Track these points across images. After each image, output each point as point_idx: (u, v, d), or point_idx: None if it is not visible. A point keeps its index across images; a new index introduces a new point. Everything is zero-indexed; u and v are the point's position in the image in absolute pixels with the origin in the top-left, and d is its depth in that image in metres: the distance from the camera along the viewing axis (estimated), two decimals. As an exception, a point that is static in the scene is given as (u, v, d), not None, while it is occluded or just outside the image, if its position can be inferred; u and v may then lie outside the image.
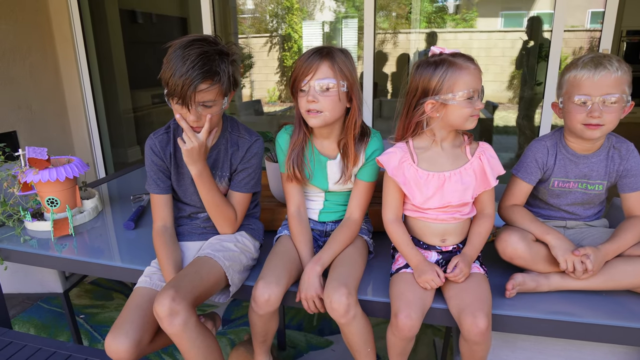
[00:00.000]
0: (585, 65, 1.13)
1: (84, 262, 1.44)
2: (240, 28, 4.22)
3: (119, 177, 2.34)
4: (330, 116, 1.21)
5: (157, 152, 1.32)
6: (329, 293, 1.11)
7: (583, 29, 3.36)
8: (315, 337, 2.01)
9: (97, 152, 3.65)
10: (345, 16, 3.88)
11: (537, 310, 1.12)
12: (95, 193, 1.85)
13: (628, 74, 1.13)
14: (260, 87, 4.37)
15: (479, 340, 1.04)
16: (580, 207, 1.29)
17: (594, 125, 1.14)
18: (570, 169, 1.25)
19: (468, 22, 3.66)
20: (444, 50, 1.13)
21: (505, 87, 3.55)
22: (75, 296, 2.39)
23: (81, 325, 2.13)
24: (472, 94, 1.08)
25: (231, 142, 1.35)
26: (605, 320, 1.09)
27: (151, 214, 1.77)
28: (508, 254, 1.17)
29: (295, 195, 1.35)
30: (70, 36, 3.34)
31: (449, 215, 1.17)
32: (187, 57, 1.12)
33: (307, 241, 1.32)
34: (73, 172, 1.60)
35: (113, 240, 1.58)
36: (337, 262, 1.24)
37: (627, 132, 1.36)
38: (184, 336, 1.09)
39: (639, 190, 1.22)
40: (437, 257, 1.21)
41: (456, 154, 1.17)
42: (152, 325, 1.16)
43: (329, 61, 1.17)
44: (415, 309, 1.07)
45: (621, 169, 1.23)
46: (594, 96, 1.12)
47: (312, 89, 1.18)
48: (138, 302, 1.18)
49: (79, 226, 1.67)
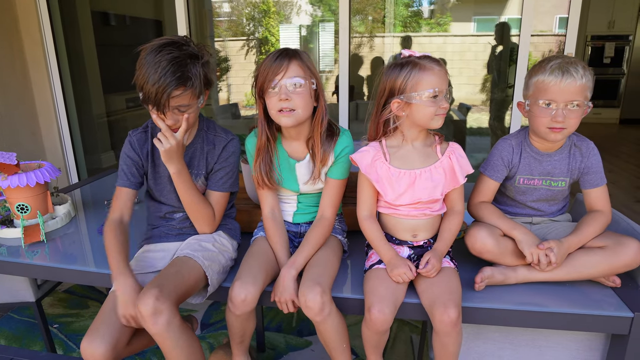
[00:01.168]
0: (553, 71, 1.17)
1: (56, 268, 1.41)
2: (217, 31, 4.21)
3: (92, 182, 2.30)
4: (302, 114, 1.23)
5: (135, 148, 1.34)
6: (304, 292, 1.13)
7: (551, 33, 3.49)
8: (295, 338, 2.02)
9: (70, 158, 3.57)
10: (322, 20, 3.91)
11: (505, 302, 1.17)
12: (68, 198, 1.82)
13: (591, 81, 1.18)
14: (237, 91, 4.36)
15: (449, 330, 1.07)
16: (545, 203, 1.35)
17: (558, 128, 1.19)
18: (535, 167, 1.31)
19: (442, 26, 3.74)
20: (414, 53, 1.17)
21: (478, 89, 3.65)
22: (49, 305, 2.34)
23: (55, 335, 2.08)
24: (437, 93, 1.12)
25: (207, 140, 1.36)
26: (569, 309, 1.14)
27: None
28: (477, 249, 1.21)
29: (268, 197, 1.37)
30: (40, 38, 3.26)
31: (419, 212, 1.20)
32: (158, 64, 1.14)
33: (283, 242, 1.33)
34: (44, 177, 1.57)
35: (87, 245, 1.55)
36: (311, 262, 1.26)
37: (592, 132, 1.43)
38: (167, 336, 1.09)
39: (599, 187, 1.29)
40: (409, 252, 1.24)
41: (427, 152, 1.21)
42: (128, 328, 1.16)
43: (298, 60, 1.21)
44: (388, 303, 1.10)
45: (582, 166, 1.29)
46: (559, 102, 1.17)
47: (283, 87, 1.20)
48: (114, 305, 1.17)
49: (51, 232, 1.64)
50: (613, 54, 6.89)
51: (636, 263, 1.15)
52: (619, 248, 1.15)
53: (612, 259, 1.15)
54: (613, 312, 1.12)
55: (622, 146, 5.71)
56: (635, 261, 1.15)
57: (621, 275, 1.23)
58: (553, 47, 3.49)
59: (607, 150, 5.41)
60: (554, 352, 1.27)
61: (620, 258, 1.15)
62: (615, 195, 3.91)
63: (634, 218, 1.47)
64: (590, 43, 6.89)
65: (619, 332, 1.13)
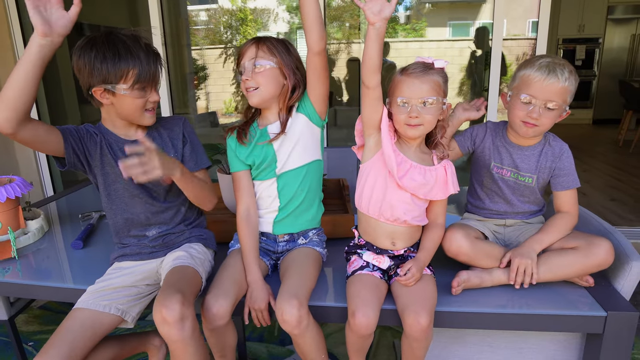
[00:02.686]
0: (540, 68, 1.20)
1: (29, 285, 1.37)
2: (194, 40, 4.18)
3: (67, 195, 2.25)
4: (265, 91, 1.30)
5: (83, 138, 1.25)
6: (281, 305, 1.12)
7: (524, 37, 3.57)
8: (277, 348, 2.00)
9: (44, 170, 3.49)
10: (299, 27, 3.93)
11: (482, 305, 1.18)
12: (41, 213, 1.77)
13: (574, 86, 1.22)
14: (216, 99, 4.33)
15: (419, 337, 1.08)
16: (516, 198, 1.36)
17: (531, 124, 1.23)
18: (505, 157, 1.35)
19: (418, 31, 3.80)
20: (427, 60, 1.16)
21: (455, 93, 3.71)
22: (23, 322, 2.27)
23: (30, 353, 2.02)
24: (404, 102, 1.14)
25: (163, 127, 1.37)
26: (545, 310, 1.16)
27: (101, 232, 1.73)
28: (453, 251, 1.23)
29: (245, 194, 1.36)
30: (10, 45, 3.19)
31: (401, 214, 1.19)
32: (126, 46, 1.19)
33: (252, 246, 1.31)
34: (15, 192, 1.53)
35: (61, 261, 1.51)
36: (288, 273, 1.25)
37: (566, 133, 1.47)
38: (191, 343, 1.08)
39: (569, 189, 1.32)
40: (390, 263, 1.24)
41: (423, 157, 1.22)
42: (83, 346, 1.12)
43: (261, 42, 1.30)
44: (372, 307, 1.10)
45: (554, 166, 1.31)
46: (538, 99, 1.21)
47: (247, 69, 1.29)
48: (70, 324, 1.14)
49: (23, 248, 1.59)
50: (584, 57, 7.11)
51: (608, 262, 1.18)
52: (591, 248, 1.18)
53: (585, 259, 1.18)
54: (587, 311, 1.14)
55: (596, 146, 5.88)
56: (607, 260, 1.17)
57: (595, 275, 1.26)
58: (527, 50, 3.57)
59: (582, 150, 5.56)
60: (532, 354, 1.29)
61: (593, 258, 1.17)
62: (590, 194, 4.01)
63: (609, 216, 1.50)
64: (562, 46, 7.10)
65: (594, 331, 1.15)
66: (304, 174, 1.35)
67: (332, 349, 1.96)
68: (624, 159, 5.19)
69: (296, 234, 1.39)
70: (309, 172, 1.36)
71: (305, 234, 1.40)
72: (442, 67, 1.16)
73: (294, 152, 1.33)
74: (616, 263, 1.24)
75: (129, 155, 1.07)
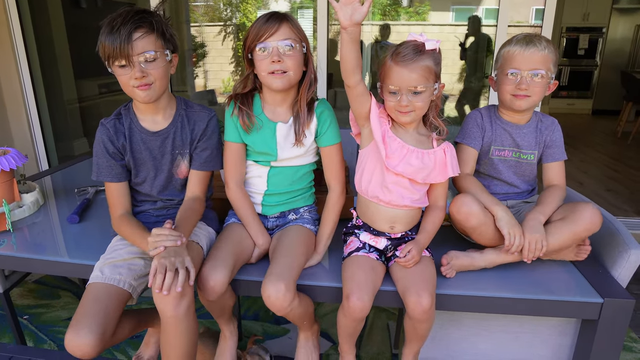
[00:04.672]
0: (518, 42, 1.26)
1: (24, 258, 1.36)
2: (193, 16, 4.10)
3: (63, 170, 2.22)
4: (294, 76, 1.23)
5: (111, 137, 1.28)
6: (267, 288, 1.10)
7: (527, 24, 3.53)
8: (272, 326, 2.01)
9: (39, 145, 3.44)
10: (300, 6, 3.86)
11: (479, 289, 1.18)
12: (36, 186, 1.75)
13: (554, 54, 1.26)
14: (214, 77, 4.27)
15: (422, 318, 1.08)
16: (517, 178, 1.39)
17: (522, 95, 1.26)
18: (505, 138, 1.36)
19: (421, 15, 3.74)
20: (418, 38, 1.12)
21: (456, 79, 3.67)
22: (18, 296, 2.27)
23: (25, 327, 2.02)
24: (395, 89, 1.12)
25: (187, 118, 1.33)
26: (541, 295, 1.16)
27: (97, 206, 1.72)
28: (463, 213, 1.20)
29: (239, 166, 1.34)
30: (5, 20, 3.11)
31: (399, 199, 1.19)
32: (114, 18, 1.14)
33: (249, 207, 1.34)
34: (9, 164, 1.50)
35: (57, 234, 1.50)
36: (277, 253, 1.23)
37: (565, 122, 1.47)
38: (184, 320, 1.10)
39: (559, 161, 1.36)
40: (387, 243, 1.24)
41: (421, 140, 1.21)
42: (113, 317, 1.12)
43: (289, 22, 1.21)
44: (367, 291, 1.10)
45: (548, 139, 1.36)
46: (523, 70, 1.24)
47: (275, 49, 1.19)
48: (96, 296, 1.13)
49: (18, 221, 1.57)
50: (587, 46, 7.05)
51: (596, 225, 1.18)
52: (577, 215, 1.19)
53: (573, 226, 1.18)
54: (583, 297, 1.15)
55: (594, 136, 5.88)
56: (594, 222, 1.17)
57: (593, 262, 1.26)
58: (529, 38, 3.54)
59: (580, 140, 5.56)
60: (527, 337, 1.30)
61: (580, 223, 1.18)
62: (586, 184, 4.02)
63: (604, 206, 1.51)
64: (565, 34, 7.03)
65: (589, 317, 1.16)
66: (297, 170, 1.35)
67: (328, 329, 1.97)
68: (622, 151, 5.19)
69: (287, 211, 1.38)
70: (303, 169, 1.37)
71: (296, 210, 1.39)
72: (434, 49, 1.13)
73: (298, 150, 1.32)
74: (614, 251, 1.24)
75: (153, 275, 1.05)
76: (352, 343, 1.25)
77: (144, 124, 1.31)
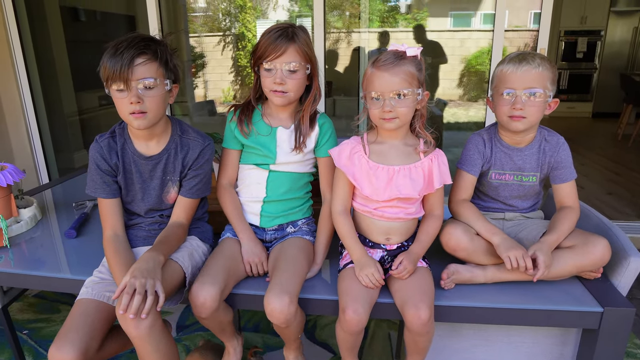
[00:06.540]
0: (511, 60, 1.22)
1: (21, 275, 1.36)
2: (192, 27, 4.12)
3: (62, 183, 2.22)
4: (294, 96, 1.27)
5: (104, 155, 1.27)
6: (271, 300, 1.10)
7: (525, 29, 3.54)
8: (272, 338, 2.00)
9: (39, 157, 3.45)
10: (299, 15, 3.87)
11: (478, 300, 1.17)
12: (34, 201, 1.75)
13: (550, 71, 1.20)
14: (214, 87, 4.28)
15: (421, 330, 1.07)
16: (518, 199, 1.36)
17: (517, 117, 1.21)
18: (506, 162, 1.32)
19: (419, 21, 3.75)
20: (399, 48, 1.13)
21: (455, 84, 3.68)
22: (17, 311, 2.26)
23: (24, 342, 2.01)
24: (378, 96, 1.12)
25: (181, 145, 1.31)
26: (541, 305, 1.15)
27: (95, 221, 1.72)
28: (451, 246, 1.21)
29: (231, 169, 1.38)
30: (5, 34, 3.13)
31: (394, 214, 1.19)
32: (120, 42, 1.14)
33: (237, 208, 1.36)
34: (7, 180, 1.50)
35: (54, 250, 1.50)
36: (279, 266, 1.22)
37: (565, 126, 1.45)
38: (149, 340, 1.07)
39: (568, 182, 1.30)
40: (382, 254, 1.23)
41: (407, 151, 1.20)
42: (100, 332, 1.12)
43: (296, 44, 1.22)
44: (363, 304, 1.09)
45: (552, 160, 1.30)
46: (518, 89, 1.20)
47: (279, 71, 1.22)
48: (83, 311, 1.13)
49: (16, 237, 1.57)
50: (585, 49, 7.04)
51: (603, 262, 1.17)
52: (588, 248, 1.16)
53: (581, 258, 1.16)
54: (584, 307, 1.14)
55: (595, 139, 5.86)
56: (603, 260, 1.16)
57: (591, 270, 1.25)
58: (528, 41, 3.54)
59: (580, 143, 5.54)
60: (528, 348, 1.29)
61: (589, 257, 1.16)
62: (587, 188, 4.00)
63: (606, 210, 1.49)
64: (563, 38, 7.03)
65: (590, 327, 1.15)
66: (295, 178, 1.36)
67: (328, 340, 1.96)
68: (622, 153, 5.17)
69: (285, 223, 1.38)
70: (301, 179, 1.38)
71: (294, 222, 1.39)
72: (415, 55, 1.13)
73: (293, 161, 1.34)
74: (614, 259, 1.23)
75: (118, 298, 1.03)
76: (353, 356, 1.23)
77: (137, 147, 1.30)
